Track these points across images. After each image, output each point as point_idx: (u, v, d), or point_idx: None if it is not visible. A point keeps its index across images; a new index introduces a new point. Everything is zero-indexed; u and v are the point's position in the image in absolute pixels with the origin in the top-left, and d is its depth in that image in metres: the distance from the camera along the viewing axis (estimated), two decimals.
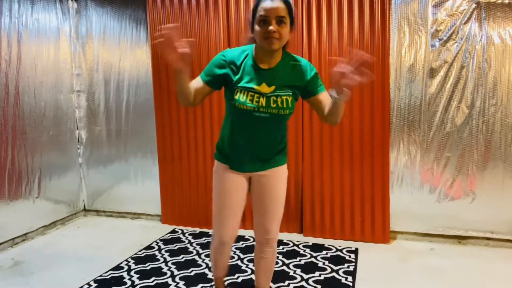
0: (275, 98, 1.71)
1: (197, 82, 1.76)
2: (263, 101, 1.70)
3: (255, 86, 1.70)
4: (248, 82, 1.71)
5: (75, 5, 3.82)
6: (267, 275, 2.04)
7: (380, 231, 3.15)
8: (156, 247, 3.14)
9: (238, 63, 1.73)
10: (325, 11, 3.08)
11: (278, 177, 1.89)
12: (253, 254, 2.21)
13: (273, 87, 1.71)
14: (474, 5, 2.89)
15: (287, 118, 1.79)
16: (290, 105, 1.73)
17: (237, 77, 1.72)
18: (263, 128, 1.77)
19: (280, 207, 1.93)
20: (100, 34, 3.77)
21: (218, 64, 1.74)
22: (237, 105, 1.71)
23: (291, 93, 1.74)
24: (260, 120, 1.73)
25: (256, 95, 1.70)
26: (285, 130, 1.88)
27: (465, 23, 2.92)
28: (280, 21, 1.61)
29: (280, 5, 1.60)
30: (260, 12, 1.61)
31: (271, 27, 1.60)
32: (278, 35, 1.62)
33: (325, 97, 1.78)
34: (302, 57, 2.19)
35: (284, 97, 1.72)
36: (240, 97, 1.70)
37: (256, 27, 1.64)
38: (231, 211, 1.86)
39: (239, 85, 1.71)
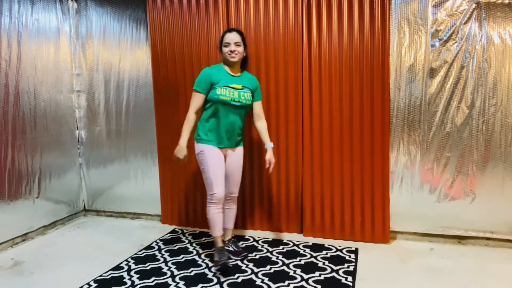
0: (243, 93, 2.70)
1: (199, 99, 2.66)
2: (236, 94, 2.66)
3: (230, 85, 2.67)
4: (226, 82, 2.66)
5: (75, 5, 3.82)
6: (231, 219, 2.95)
7: (380, 231, 3.15)
8: (156, 247, 3.14)
9: (217, 73, 2.67)
10: (325, 11, 3.08)
11: (241, 154, 2.88)
12: (253, 254, 2.97)
13: (241, 86, 2.70)
14: (474, 5, 2.89)
15: (248, 108, 2.79)
16: (250, 99, 2.76)
17: (218, 81, 2.64)
18: (235, 113, 2.70)
19: (240, 175, 2.90)
20: (100, 34, 3.78)
21: (206, 78, 2.66)
22: (221, 97, 2.62)
23: (250, 92, 2.76)
24: (234, 107, 2.67)
25: (231, 90, 2.65)
26: (244, 120, 2.82)
27: (465, 23, 2.92)
28: (236, 44, 2.65)
29: (236, 35, 2.67)
30: (225, 40, 2.67)
31: (232, 48, 2.64)
32: (237, 52, 2.66)
33: (257, 106, 2.85)
34: (303, 56, 3.17)
35: (247, 94, 2.73)
36: (222, 92, 2.63)
37: (224, 48, 2.68)
38: (219, 174, 2.68)
39: (220, 85, 2.64)
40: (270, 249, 3.05)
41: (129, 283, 2.55)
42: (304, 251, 3.02)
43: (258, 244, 3.16)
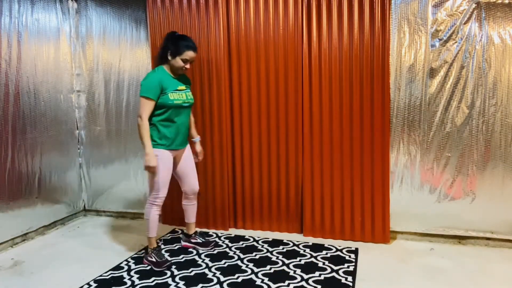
0: (188, 93, 2.86)
1: (151, 106, 2.68)
2: (184, 96, 2.81)
3: (178, 87, 2.79)
4: (174, 87, 2.76)
5: (75, 5, 3.82)
6: (194, 213, 3.14)
7: (380, 231, 3.15)
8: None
9: (165, 80, 2.73)
10: (325, 11, 3.08)
11: (191, 151, 3.02)
12: (253, 254, 2.97)
13: (184, 87, 2.85)
14: (474, 5, 2.89)
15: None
16: (193, 97, 2.96)
17: (167, 87, 2.72)
18: (185, 114, 2.85)
19: (196, 169, 3.05)
20: (100, 34, 3.78)
21: (157, 84, 2.68)
22: (175, 102, 2.73)
23: (190, 91, 2.93)
24: (185, 108, 2.83)
25: (180, 93, 2.79)
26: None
27: (465, 23, 2.92)
28: (191, 62, 2.79)
29: (195, 54, 2.78)
30: (186, 56, 2.72)
31: (187, 66, 2.77)
32: (188, 69, 2.80)
33: None
34: (303, 56, 3.16)
35: (190, 93, 2.91)
36: (174, 96, 2.74)
37: (179, 60, 2.72)
38: (167, 179, 2.81)
39: (170, 90, 2.73)
40: (270, 249, 3.05)
41: (129, 283, 2.55)
42: (304, 251, 3.02)
43: (258, 244, 3.16)
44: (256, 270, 2.71)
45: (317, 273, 2.64)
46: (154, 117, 2.74)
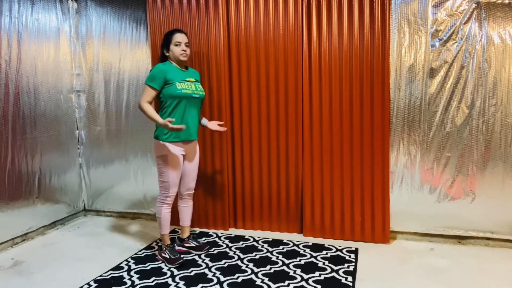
0: (197, 85, 2.84)
1: (152, 93, 2.70)
2: (193, 87, 2.79)
3: (186, 79, 2.79)
4: (181, 77, 2.76)
5: (75, 5, 3.82)
6: (190, 216, 3.10)
7: (380, 231, 3.15)
8: (156, 247, 3.14)
9: (170, 71, 2.74)
10: (325, 11, 3.08)
11: (198, 149, 3.00)
12: (253, 254, 2.96)
13: (193, 79, 2.85)
14: (474, 5, 2.89)
15: (203, 100, 2.94)
16: (203, 90, 2.90)
17: (173, 78, 2.71)
18: (195, 106, 2.82)
19: (197, 171, 3.04)
20: (100, 34, 3.78)
21: (161, 74, 2.69)
22: (183, 92, 2.71)
23: (200, 84, 2.90)
24: (195, 99, 2.80)
25: (189, 84, 2.77)
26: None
27: (465, 23, 2.92)
28: (186, 45, 2.80)
29: (185, 37, 2.81)
30: (176, 39, 2.76)
31: (184, 48, 2.78)
32: (188, 52, 2.81)
33: None
34: (303, 56, 3.18)
35: (201, 86, 2.88)
36: (182, 86, 2.72)
37: (174, 47, 2.76)
38: (176, 178, 2.82)
39: (178, 81, 2.72)
40: (270, 249, 3.05)
41: (129, 283, 2.55)
42: (304, 251, 3.02)
43: (258, 244, 3.16)
44: (256, 270, 2.71)
45: (317, 273, 2.64)
46: (163, 109, 2.75)
